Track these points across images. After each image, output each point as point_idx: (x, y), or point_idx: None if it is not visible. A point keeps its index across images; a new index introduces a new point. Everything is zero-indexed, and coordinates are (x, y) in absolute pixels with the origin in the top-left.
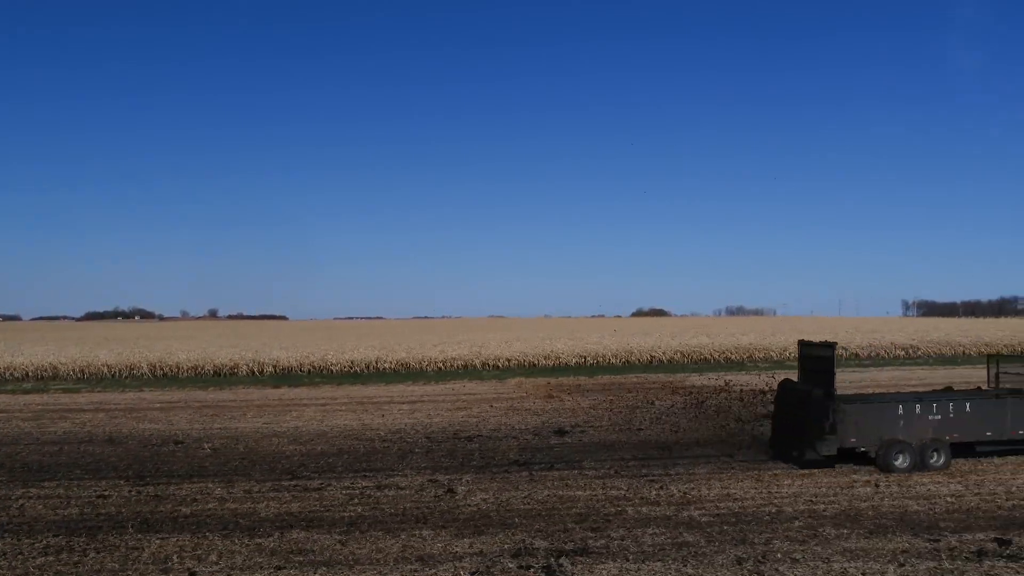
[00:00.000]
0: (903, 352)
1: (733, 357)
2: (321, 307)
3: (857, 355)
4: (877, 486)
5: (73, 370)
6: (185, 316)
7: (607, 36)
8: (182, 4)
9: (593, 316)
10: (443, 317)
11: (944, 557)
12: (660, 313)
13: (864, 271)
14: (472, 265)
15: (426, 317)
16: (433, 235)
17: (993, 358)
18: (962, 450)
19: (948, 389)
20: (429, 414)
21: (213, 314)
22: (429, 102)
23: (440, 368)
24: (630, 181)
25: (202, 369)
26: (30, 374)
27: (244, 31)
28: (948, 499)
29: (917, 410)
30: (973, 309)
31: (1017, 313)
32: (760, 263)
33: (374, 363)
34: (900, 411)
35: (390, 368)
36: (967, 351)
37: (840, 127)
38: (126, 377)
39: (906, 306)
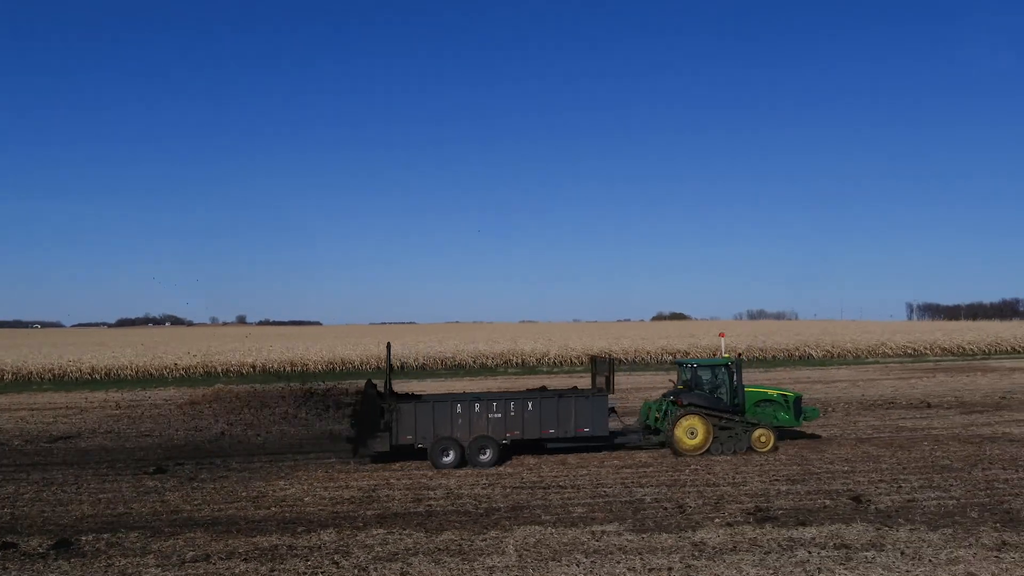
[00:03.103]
0: (672, 358)
1: (489, 363)
2: (357, 312)
3: (621, 360)
4: (188, 493)
5: None
6: (215, 322)
7: (613, 38)
8: (178, 10)
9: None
10: (475, 322)
11: None
12: (680, 317)
13: (872, 275)
14: (503, 269)
15: (457, 321)
16: (464, 237)
17: (594, 360)
18: (534, 447)
19: (543, 388)
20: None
21: (242, 320)
22: (428, 105)
23: (184, 374)
24: (653, 185)
25: None
26: None
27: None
28: (176, 503)
29: (475, 409)
30: (976, 311)
31: (1018, 315)
32: (785, 267)
33: (115, 370)
34: (458, 410)
35: (132, 375)
36: (745, 357)
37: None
38: None
39: (910, 309)
